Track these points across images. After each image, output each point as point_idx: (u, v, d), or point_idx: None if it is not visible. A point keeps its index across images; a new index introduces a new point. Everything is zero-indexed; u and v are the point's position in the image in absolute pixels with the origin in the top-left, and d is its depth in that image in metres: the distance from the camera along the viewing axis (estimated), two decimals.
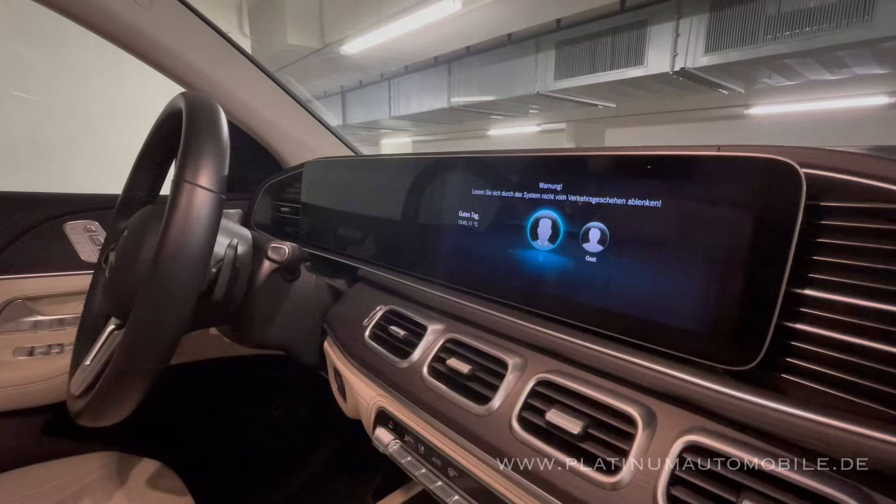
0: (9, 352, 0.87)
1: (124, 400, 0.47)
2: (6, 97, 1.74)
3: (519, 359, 0.44)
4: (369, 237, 0.69)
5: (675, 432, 0.32)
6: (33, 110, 1.81)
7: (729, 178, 0.33)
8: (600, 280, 0.40)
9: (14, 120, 1.78)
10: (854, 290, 0.30)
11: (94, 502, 0.71)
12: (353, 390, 0.57)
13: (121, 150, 1.87)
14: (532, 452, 0.37)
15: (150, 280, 0.43)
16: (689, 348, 0.34)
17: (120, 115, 1.97)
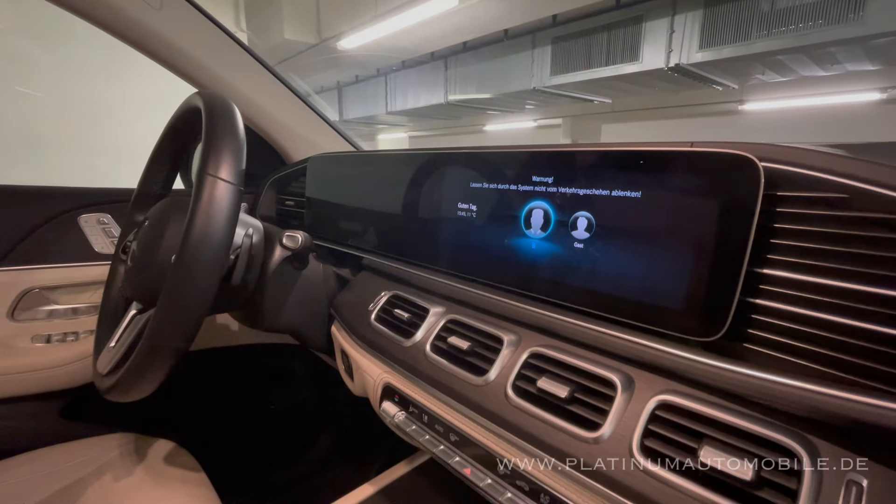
0: (27, 339, 0.91)
1: (153, 375, 0.51)
2: (11, 93, 1.76)
3: (513, 335, 0.48)
4: (373, 228, 0.73)
5: (649, 394, 0.37)
6: (38, 106, 1.83)
7: (699, 170, 0.37)
8: (587, 264, 0.45)
9: (20, 115, 1.80)
10: (806, 269, 0.34)
11: (114, 479, 0.76)
12: (361, 369, 0.62)
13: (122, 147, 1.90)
14: (525, 415, 0.41)
15: (177, 265, 0.47)
16: (663, 322, 0.39)
17: (121, 112, 1.99)
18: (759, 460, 0.30)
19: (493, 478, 0.44)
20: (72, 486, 0.75)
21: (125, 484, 0.74)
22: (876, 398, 0.28)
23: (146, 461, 0.80)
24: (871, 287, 0.30)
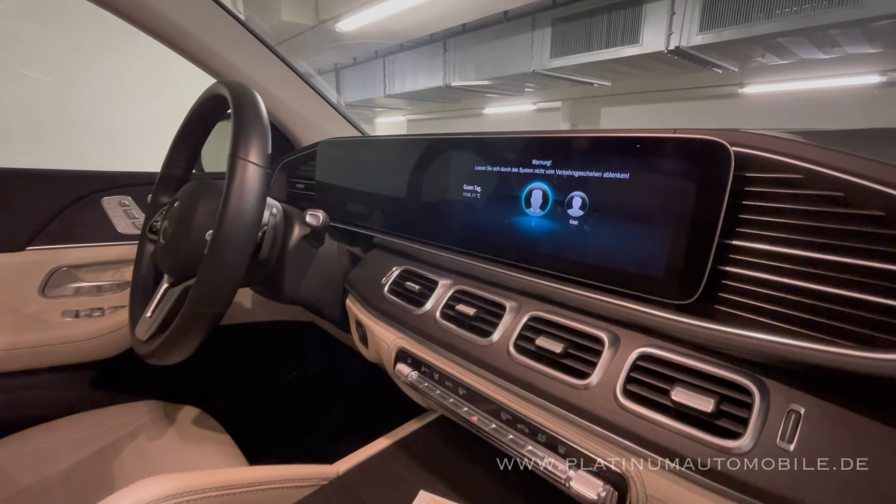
0: (58, 314, 0.97)
1: (192, 339, 0.57)
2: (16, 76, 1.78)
3: (514, 302, 0.54)
4: (383, 209, 0.78)
5: (631, 348, 0.43)
6: (43, 90, 1.85)
7: (679, 154, 0.43)
8: (580, 239, 0.50)
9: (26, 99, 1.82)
10: (768, 240, 0.39)
11: (148, 440, 0.82)
12: (375, 336, 0.68)
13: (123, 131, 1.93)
14: (524, 369, 0.48)
15: (215, 240, 0.52)
16: (646, 288, 0.44)
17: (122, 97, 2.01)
18: (719, 397, 0.37)
19: (497, 423, 0.50)
20: (108, 447, 0.82)
21: (158, 444, 0.81)
22: (817, 344, 0.34)
23: (175, 425, 0.86)
24: (819, 254, 0.36)
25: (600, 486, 0.41)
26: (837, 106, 4.41)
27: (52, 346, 0.95)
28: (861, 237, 0.33)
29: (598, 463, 0.42)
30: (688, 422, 0.37)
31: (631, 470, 0.39)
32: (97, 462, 0.78)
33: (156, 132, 1.14)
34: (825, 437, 0.32)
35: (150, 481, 0.46)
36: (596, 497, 0.40)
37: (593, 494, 0.40)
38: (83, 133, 1.96)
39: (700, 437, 0.36)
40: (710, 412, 0.36)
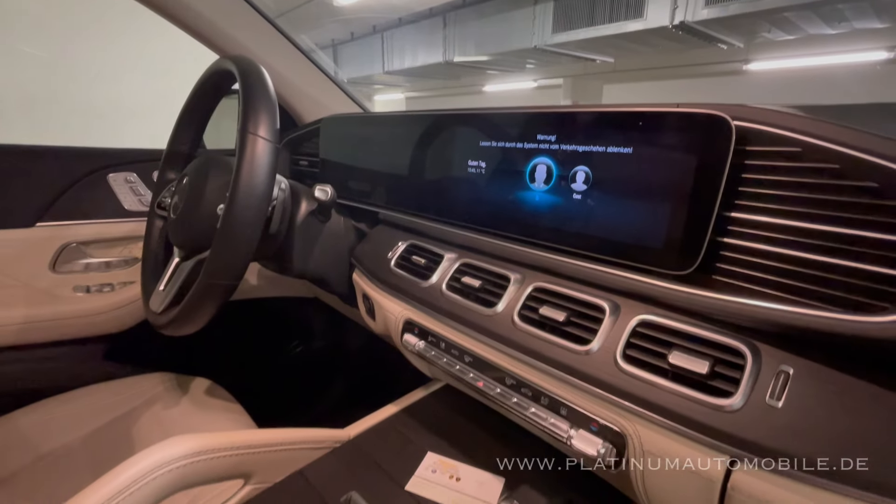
0: (69, 289, 0.99)
1: (207, 309, 0.59)
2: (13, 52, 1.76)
3: (518, 274, 0.56)
4: (388, 185, 0.79)
5: (631, 316, 0.45)
6: (41, 65, 1.83)
7: (682, 128, 0.44)
8: (583, 212, 0.52)
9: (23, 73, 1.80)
10: (765, 212, 0.41)
11: (163, 408, 0.86)
12: (383, 309, 0.70)
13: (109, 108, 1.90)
14: (528, 336, 0.50)
15: (228, 214, 0.54)
16: (646, 260, 0.46)
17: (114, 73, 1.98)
18: (713, 360, 0.39)
19: (501, 388, 0.53)
20: (125, 415, 0.85)
21: (173, 412, 0.84)
22: (809, 310, 0.36)
23: (188, 395, 0.90)
24: (815, 225, 0.37)
25: (599, 443, 0.43)
26: (842, 82, 4.35)
27: (66, 320, 0.98)
28: (856, 208, 0.35)
29: (597, 422, 0.44)
30: (683, 383, 0.39)
31: (629, 428, 0.42)
32: (116, 429, 0.81)
33: (153, 111, 1.13)
34: (812, 395, 0.34)
35: (171, 441, 0.49)
36: (595, 453, 0.43)
37: (593, 451, 0.43)
38: (78, 111, 1.95)
39: (694, 397, 0.38)
40: (704, 373, 0.38)
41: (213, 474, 0.51)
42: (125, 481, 0.45)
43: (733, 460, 0.36)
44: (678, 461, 0.39)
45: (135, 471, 0.46)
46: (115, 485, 0.45)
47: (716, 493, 0.37)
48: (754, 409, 0.35)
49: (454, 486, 0.54)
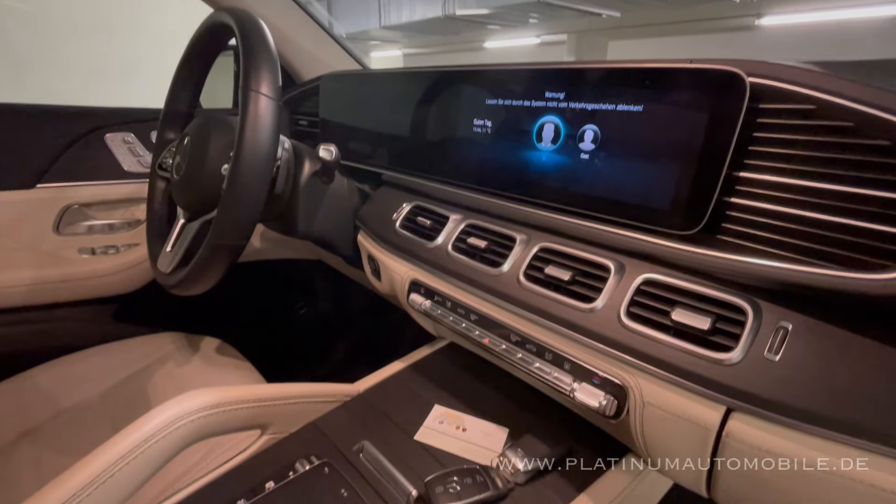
0: (74, 251, 1.00)
1: (215, 270, 0.60)
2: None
3: (524, 235, 0.56)
4: (391, 146, 0.78)
5: (636, 275, 0.46)
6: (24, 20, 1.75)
7: (694, 85, 0.43)
8: (590, 172, 0.51)
9: None
10: (774, 171, 0.40)
11: (176, 366, 0.88)
12: (388, 269, 0.71)
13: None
14: (533, 295, 0.51)
15: (233, 174, 0.53)
16: (653, 220, 0.46)
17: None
18: (715, 316, 0.40)
19: (507, 344, 0.55)
20: (139, 373, 0.87)
21: (185, 370, 0.87)
22: (812, 268, 0.36)
23: (199, 353, 0.92)
24: (822, 184, 0.37)
25: (601, 395, 0.45)
26: (858, 37, 4.19)
27: (74, 282, 0.99)
28: (866, 167, 0.35)
29: (599, 375, 0.46)
30: (685, 338, 0.40)
31: (630, 381, 0.44)
32: (132, 385, 0.84)
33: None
34: (809, 349, 0.36)
35: (190, 394, 0.51)
36: (598, 405, 0.45)
37: (595, 403, 0.45)
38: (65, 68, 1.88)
39: (695, 351, 0.39)
40: (706, 329, 0.39)
41: (231, 425, 0.53)
42: (148, 432, 0.47)
43: (729, 410, 0.38)
44: (676, 411, 0.41)
45: (156, 422, 0.48)
46: (138, 435, 0.47)
47: (710, 440, 0.39)
48: (752, 362, 0.37)
49: (461, 436, 0.57)
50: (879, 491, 0.31)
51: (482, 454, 0.55)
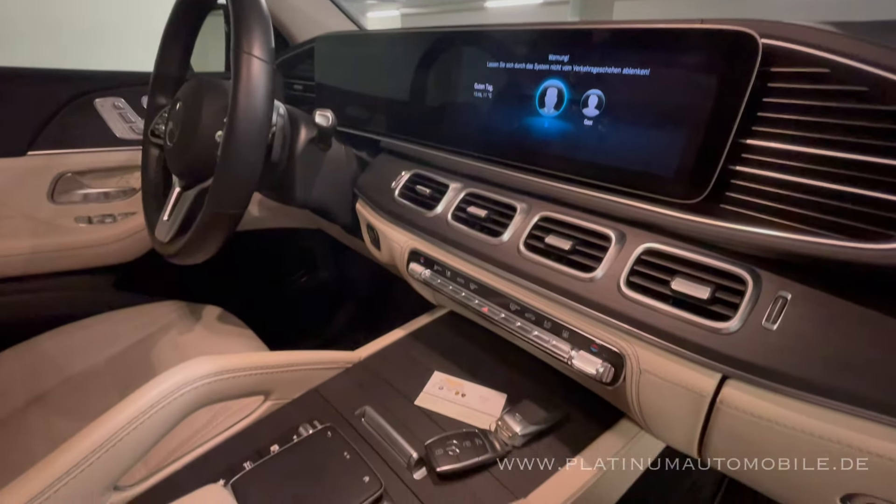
0: (70, 219, 0.99)
1: (213, 239, 0.60)
2: None
3: (525, 204, 0.56)
4: (389, 112, 0.76)
5: (637, 244, 0.46)
6: None
7: (704, 46, 0.41)
8: (594, 139, 0.50)
9: None
10: (783, 138, 0.39)
11: (179, 333, 0.89)
12: (388, 238, 0.70)
13: None
14: (533, 265, 0.51)
15: (228, 141, 0.52)
16: (655, 188, 0.46)
17: None
18: (715, 286, 0.40)
19: (506, 312, 0.55)
20: (143, 341, 0.89)
21: (189, 338, 0.88)
22: (815, 237, 0.36)
23: (201, 322, 0.93)
24: (831, 152, 0.37)
25: (599, 363, 0.46)
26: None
27: (72, 251, 0.99)
28: (876, 134, 0.34)
29: (597, 343, 0.47)
30: (684, 307, 0.41)
31: (628, 349, 0.44)
32: (136, 353, 0.86)
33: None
34: (807, 318, 0.36)
35: (195, 361, 0.52)
36: (595, 372, 0.46)
37: (592, 370, 0.46)
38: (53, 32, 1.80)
39: (693, 320, 0.40)
40: (705, 299, 0.39)
41: (235, 391, 0.54)
42: (155, 397, 0.48)
43: (724, 377, 0.39)
44: (672, 378, 0.41)
45: (162, 388, 0.49)
46: (144, 401, 0.48)
47: (705, 406, 0.40)
48: (750, 331, 0.37)
49: (460, 402, 0.59)
50: (874, 457, 0.32)
51: (481, 419, 0.56)
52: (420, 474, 0.50)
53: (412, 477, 0.49)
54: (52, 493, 0.42)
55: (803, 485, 0.38)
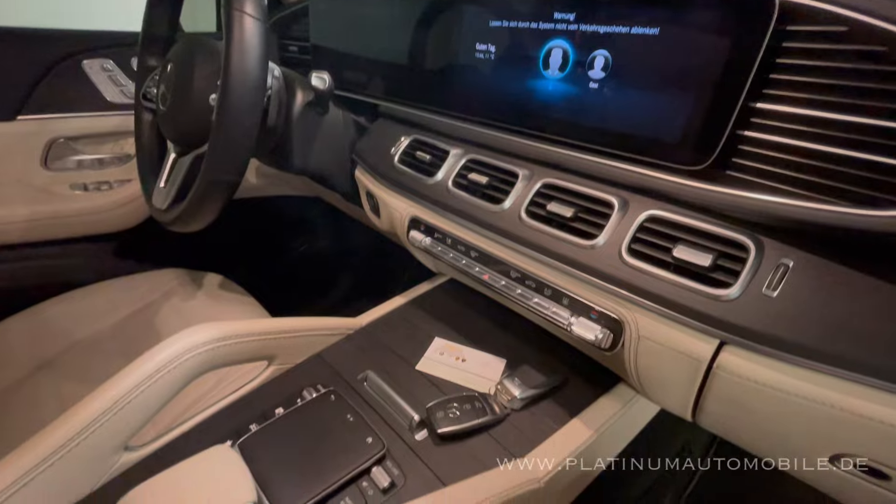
0: (65, 186, 0.98)
1: (211, 206, 0.59)
2: None
3: (527, 171, 0.55)
4: (388, 74, 0.74)
5: (640, 211, 0.45)
6: None
7: (717, 2, 0.39)
8: (599, 103, 0.49)
9: None
10: (796, 102, 0.38)
11: (181, 300, 0.90)
12: (388, 206, 0.70)
13: None
14: (535, 232, 0.51)
15: (221, 105, 0.51)
16: (661, 154, 0.45)
17: None
18: (717, 253, 0.40)
19: (506, 280, 0.55)
20: (145, 308, 0.89)
21: (191, 305, 0.89)
22: (821, 204, 0.36)
23: (203, 289, 0.94)
24: (849, 116, 0.35)
25: (598, 329, 0.47)
26: None
27: (69, 218, 0.98)
28: (892, 97, 0.33)
29: (597, 310, 0.47)
30: (685, 275, 0.41)
31: (627, 316, 0.45)
32: (139, 319, 0.87)
33: None
34: (808, 285, 0.36)
35: (198, 328, 0.52)
36: (594, 338, 0.46)
37: (591, 336, 0.46)
38: None
39: (694, 287, 0.40)
40: (706, 266, 0.39)
41: (238, 357, 0.55)
42: (160, 362, 0.49)
43: (722, 343, 0.39)
44: (670, 344, 0.42)
45: (167, 353, 0.49)
46: (150, 365, 0.49)
47: (701, 371, 0.41)
48: (750, 298, 0.37)
49: (461, 367, 0.60)
50: (866, 420, 0.32)
51: (481, 383, 0.57)
52: (421, 436, 0.51)
53: (414, 438, 0.51)
54: (65, 452, 0.43)
55: (794, 445, 0.40)
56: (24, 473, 0.41)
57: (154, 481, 0.39)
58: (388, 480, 0.45)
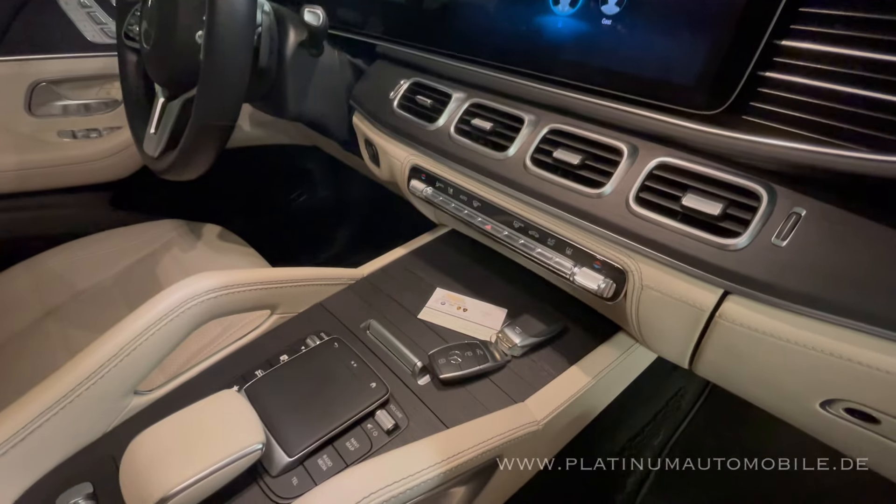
0: (52, 133, 0.94)
1: (205, 154, 0.57)
2: None
3: (533, 116, 0.52)
4: (386, 11, 0.69)
5: (650, 158, 0.43)
6: None
7: None
8: (611, 42, 0.46)
9: None
10: (823, 38, 0.35)
11: (181, 251, 0.90)
12: (387, 154, 0.68)
13: None
14: (540, 181, 0.49)
15: (209, 43, 0.47)
16: (675, 98, 0.42)
17: None
18: (728, 202, 0.39)
19: (509, 230, 0.54)
20: (146, 258, 0.89)
21: (191, 255, 0.89)
22: (834, 149, 0.34)
23: (202, 240, 0.93)
24: (883, 54, 0.32)
25: (601, 279, 0.46)
26: None
27: (61, 167, 0.96)
28: None
29: (600, 260, 0.47)
30: (693, 224, 0.40)
31: (631, 265, 0.44)
32: (141, 269, 0.87)
33: None
34: (818, 235, 0.35)
35: (200, 276, 0.52)
36: (596, 287, 0.46)
37: (594, 286, 0.46)
38: None
39: (701, 237, 0.39)
40: (716, 215, 0.38)
41: (241, 305, 0.55)
42: (163, 310, 0.49)
43: (726, 293, 0.39)
44: (674, 294, 0.42)
45: (171, 301, 0.50)
46: (154, 313, 0.49)
47: (703, 320, 0.41)
48: (758, 248, 0.37)
49: (462, 316, 0.60)
50: (863, 367, 0.33)
51: (482, 331, 0.58)
52: (424, 381, 0.52)
53: (416, 383, 0.52)
54: (76, 396, 0.44)
55: (787, 391, 0.40)
56: (37, 416, 0.43)
57: (164, 423, 0.41)
58: (392, 422, 0.47)
